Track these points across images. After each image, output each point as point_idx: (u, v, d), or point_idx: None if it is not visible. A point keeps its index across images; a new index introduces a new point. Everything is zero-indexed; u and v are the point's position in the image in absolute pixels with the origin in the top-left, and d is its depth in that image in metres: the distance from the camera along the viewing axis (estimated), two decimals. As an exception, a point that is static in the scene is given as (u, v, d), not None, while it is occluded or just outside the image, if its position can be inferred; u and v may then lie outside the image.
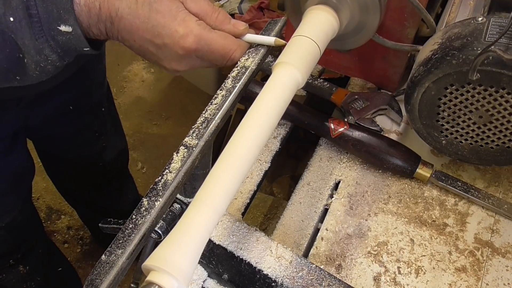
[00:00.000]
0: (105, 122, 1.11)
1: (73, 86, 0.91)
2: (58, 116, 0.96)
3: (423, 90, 0.64)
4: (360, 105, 0.82)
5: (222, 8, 1.88)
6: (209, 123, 0.52)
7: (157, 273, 0.38)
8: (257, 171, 0.77)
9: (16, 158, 0.91)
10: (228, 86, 0.54)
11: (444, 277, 0.66)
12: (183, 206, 0.60)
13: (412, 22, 0.77)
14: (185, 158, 0.49)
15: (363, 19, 0.64)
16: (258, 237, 0.59)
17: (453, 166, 0.78)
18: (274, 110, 0.50)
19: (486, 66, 0.57)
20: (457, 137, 0.68)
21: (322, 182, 0.76)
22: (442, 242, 0.69)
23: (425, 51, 0.65)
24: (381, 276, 0.66)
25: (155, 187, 0.48)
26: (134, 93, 2.22)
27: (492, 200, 0.71)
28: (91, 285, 0.43)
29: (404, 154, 0.73)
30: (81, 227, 1.74)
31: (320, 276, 0.55)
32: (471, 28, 0.60)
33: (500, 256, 0.67)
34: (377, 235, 0.70)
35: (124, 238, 0.45)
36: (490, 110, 0.62)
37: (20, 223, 0.99)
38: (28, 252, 1.08)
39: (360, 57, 0.86)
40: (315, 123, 0.79)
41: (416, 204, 0.73)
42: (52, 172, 1.29)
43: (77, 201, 1.44)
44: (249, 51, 0.58)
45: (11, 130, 0.86)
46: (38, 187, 1.82)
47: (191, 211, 0.42)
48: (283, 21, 0.65)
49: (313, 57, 0.56)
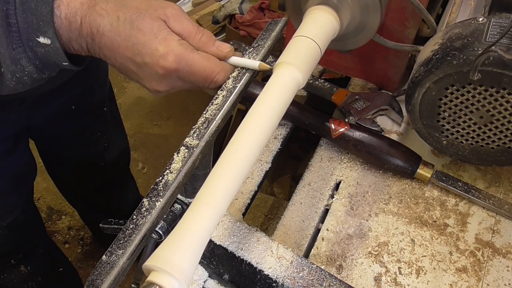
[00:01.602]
0: (107, 121, 1.11)
1: (75, 85, 0.91)
2: (61, 116, 0.96)
3: (423, 91, 0.64)
4: (361, 106, 0.82)
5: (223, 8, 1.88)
6: (209, 124, 0.52)
7: (158, 274, 0.38)
8: (258, 171, 0.77)
9: (18, 158, 0.91)
10: (229, 86, 0.54)
11: (444, 278, 0.66)
12: (184, 207, 0.60)
13: (413, 22, 0.77)
14: (186, 158, 0.49)
15: (363, 20, 0.64)
16: (259, 238, 0.59)
17: (454, 167, 0.77)
18: (275, 111, 0.50)
19: (487, 66, 0.57)
20: (458, 137, 0.68)
21: (322, 182, 0.76)
22: (443, 243, 0.69)
23: (426, 52, 0.65)
24: (381, 277, 0.66)
25: (155, 187, 0.48)
26: (135, 93, 2.22)
27: (492, 200, 0.71)
28: (91, 286, 0.43)
29: (404, 155, 0.73)
30: (81, 227, 1.74)
31: (320, 276, 0.55)
32: (471, 28, 0.60)
33: (500, 257, 0.67)
34: (378, 236, 0.70)
35: (125, 239, 0.45)
36: (491, 111, 0.62)
37: (22, 223, 0.99)
38: (29, 252, 1.08)
39: (361, 57, 0.86)
40: (315, 123, 0.79)
41: (417, 205, 0.73)
42: (53, 172, 1.29)
43: (78, 201, 1.44)
44: (249, 52, 0.58)
45: (14, 130, 0.87)
46: (39, 187, 1.82)
47: (192, 212, 0.42)
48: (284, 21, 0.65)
49: (314, 58, 0.56)
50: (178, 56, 0.49)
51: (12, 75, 0.47)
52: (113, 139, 1.17)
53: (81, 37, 0.48)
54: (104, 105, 1.07)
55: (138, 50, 0.48)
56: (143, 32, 0.48)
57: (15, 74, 0.47)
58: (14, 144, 0.88)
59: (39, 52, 0.47)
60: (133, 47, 0.48)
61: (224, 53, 0.53)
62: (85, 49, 0.49)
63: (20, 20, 0.44)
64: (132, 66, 0.50)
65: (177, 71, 0.50)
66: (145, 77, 0.51)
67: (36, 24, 0.45)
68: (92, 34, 0.47)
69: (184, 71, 0.50)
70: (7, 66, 0.46)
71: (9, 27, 0.44)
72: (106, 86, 1.06)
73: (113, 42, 0.48)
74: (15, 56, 0.46)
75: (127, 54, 0.48)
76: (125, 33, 0.47)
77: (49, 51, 0.47)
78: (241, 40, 1.06)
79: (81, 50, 0.49)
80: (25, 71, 0.47)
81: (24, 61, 0.46)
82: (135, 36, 0.47)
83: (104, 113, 1.08)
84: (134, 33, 0.47)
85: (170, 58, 0.48)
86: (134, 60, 0.49)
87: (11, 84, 0.48)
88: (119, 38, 0.47)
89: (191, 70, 0.50)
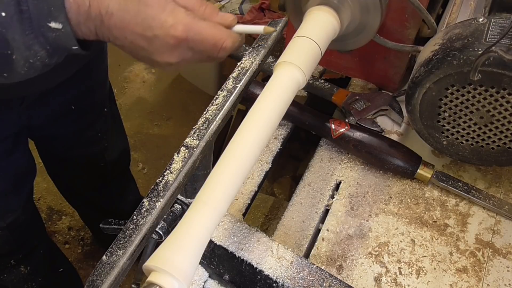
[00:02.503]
0: (107, 122, 1.11)
1: (75, 85, 0.92)
2: (61, 116, 0.96)
3: (424, 91, 0.64)
4: (361, 106, 0.82)
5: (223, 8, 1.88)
6: (210, 124, 0.52)
7: (158, 274, 0.38)
8: (258, 171, 0.77)
9: (18, 157, 0.91)
10: (229, 86, 0.54)
11: (445, 278, 0.66)
12: (184, 207, 0.60)
13: (413, 22, 0.77)
14: (186, 158, 0.49)
15: (364, 20, 0.64)
16: (259, 238, 0.59)
17: (454, 167, 0.77)
18: (275, 111, 0.50)
19: (487, 66, 0.57)
20: (458, 137, 0.68)
21: (323, 182, 0.76)
22: (443, 243, 0.69)
23: (426, 52, 0.65)
24: (382, 277, 0.66)
25: (156, 188, 0.48)
26: (135, 93, 2.22)
27: (493, 200, 0.71)
28: (92, 286, 0.43)
29: (405, 155, 0.73)
30: (82, 227, 1.74)
31: (321, 276, 0.55)
32: (472, 28, 0.60)
33: (501, 257, 0.67)
34: (378, 236, 0.70)
35: (125, 239, 0.45)
36: (491, 111, 0.62)
37: (22, 223, 0.99)
38: (29, 252, 1.08)
39: (361, 57, 0.86)
40: (316, 123, 0.79)
41: (417, 205, 0.73)
42: (53, 173, 1.29)
43: (78, 201, 1.44)
44: (249, 52, 0.58)
45: (14, 129, 0.87)
46: (39, 187, 1.82)
47: (192, 212, 0.42)
48: (284, 21, 0.65)
49: (314, 58, 0.56)
50: (187, 26, 0.50)
51: (25, 61, 0.48)
52: (113, 140, 1.17)
53: (89, 19, 0.49)
54: (105, 106, 1.07)
55: (148, 24, 0.49)
56: (151, 6, 0.49)
57: (28, 59, 0.48)
58: (14, 144, 0.88)
59: (50, 37, 0.48)
60: (142, 22, 0.49)
61: (229, 22, 0.55)
62: (94, 32, 0.50)
63: (31, 6, 0.45)
64: (143, 42, 0.51)
65: (187, 40, 0.51)
66: (156, 51, 0.52)
67: (47, 10, 0.46)
68: (101, 16, 0.48)
69: (194, 40, 0.51)
70: (21, 52, 0.47)
71: (22, 14, 0.45)
72: (106, 87, 1.06)
73: (123, 20, 0.49)
74: (28, 42, 0.47)
75: (137, 30, 0.49)
76: (134, 10, 0.49)
77: (60, 36, 0.48)
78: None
79: (89, 34, 0.50)
80: (38, 56, 0.48)
81: (36, 47, 0.48)
82: (144, 11, 0.49)
83: (105, 113, 1.08)
84: (142, 9, 0.49)
85: (180, 28, 0.50)
86: (145, 35, 0.50)
87: (23, 70, 0.49)
88: (128, 15, 0.49)
89: (200, 38, 0.51)
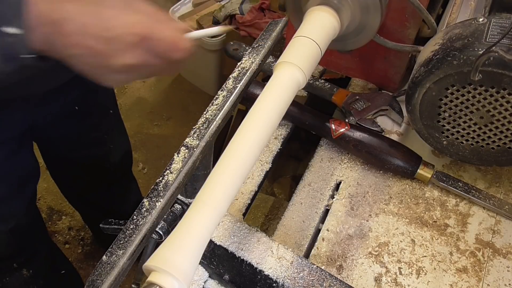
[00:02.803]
0: (111, 123, 1.11)
1: (78, 85, 0.92)
2: (65, 117, 0.96)
3: (424, 91, 0.64)
4: (361, 106, 0.82)
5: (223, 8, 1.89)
6: (210, 124, 0.52)
7: (158, 274, 0.38)
8: (258, 171, 0.77)
9: (22, 159, 0.91)
10: (229, 86, 0.54)
11: (445, 278, 0.66)
12: (184, 207, 0.60)
13: (413, 22, 0.77)
14: (186, 158, 0.49)
15: (364, 20, 0.64)
16: (259, 238, 0.59)
17: (454, 167, 0.77)
18: (275, 111, 0.50)
19: (488, 66, 0.57)
20: (458, 137, 0.68)
21: (323, 182, 0.76)
22: (443, 243, 0.69)
23: (426, 52, 0.65)
24: (382, 277, 0.66)
25: (156, 188, 0.48)
26: (135, 93, 2.22)
27: (493, 200, 0.71)
28: (92, 286, 0.43)
29: (405, 155, 0.73)
30: (82, 227, 1.74)
31: (321, 276, 0.55)
32: (472, 28, 0.60)
33: (501, 257, 0.67)
34: (378, 236, 0.70)
35: (125, 239, 0.45)
36: (491, 111, 0.62)
37: (25, 226, 0.99)
38: (31, 255, 1.08)
39: (361, 57, 0.86)
40: (316, 123, 0.79)
41: (417, 205, 0.73)
42: (56, 174, 1.29)
43: (80, 202, 1.44)
44: (249, 52, 0.58)
45: (19, 130, 0.87)
46: (39, 187, 1.80)
47: (192, 212, 0.42)
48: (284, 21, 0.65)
49: (314, 58, 0.56)
50: (148, 24, 0.51)
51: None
52: (116, 141, 1.17)
53: (44, 25, 0.48)
54: (110, 107, 1.07)
55: (110, 25, 0.49)
56: (111, 8, 0.50)
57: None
58: (19, 145, 0.88)
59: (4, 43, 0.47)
60: (103, 24, 0.49)
61: (183, 28, 0.56)
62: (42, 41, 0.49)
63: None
64: (102, 44, 0.50)
65: (148, 39, 0.51)
66: (115, 53, 0.51)
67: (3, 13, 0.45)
68: (58, 22, 0.48)
69: (154, 38, 0.52)
70: None
71: None
72: (109, 88, 1.06)
73: (85, 24, 0.49)
74: None
75: (96, 31, 0.49)
76: (94, 12, 0.49)
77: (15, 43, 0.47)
78: (241, 41, 1.06)
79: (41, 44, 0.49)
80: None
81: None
82: (104, 13, 0.49)
83: (109, 115, 1.08)
84: (102, 10, 0.49)
85: (141, 26, 0.51)
86: (105, 36, 0.50)
87: None
88: (89, 19, 0.49)
89: (160, 37, 0.52)
